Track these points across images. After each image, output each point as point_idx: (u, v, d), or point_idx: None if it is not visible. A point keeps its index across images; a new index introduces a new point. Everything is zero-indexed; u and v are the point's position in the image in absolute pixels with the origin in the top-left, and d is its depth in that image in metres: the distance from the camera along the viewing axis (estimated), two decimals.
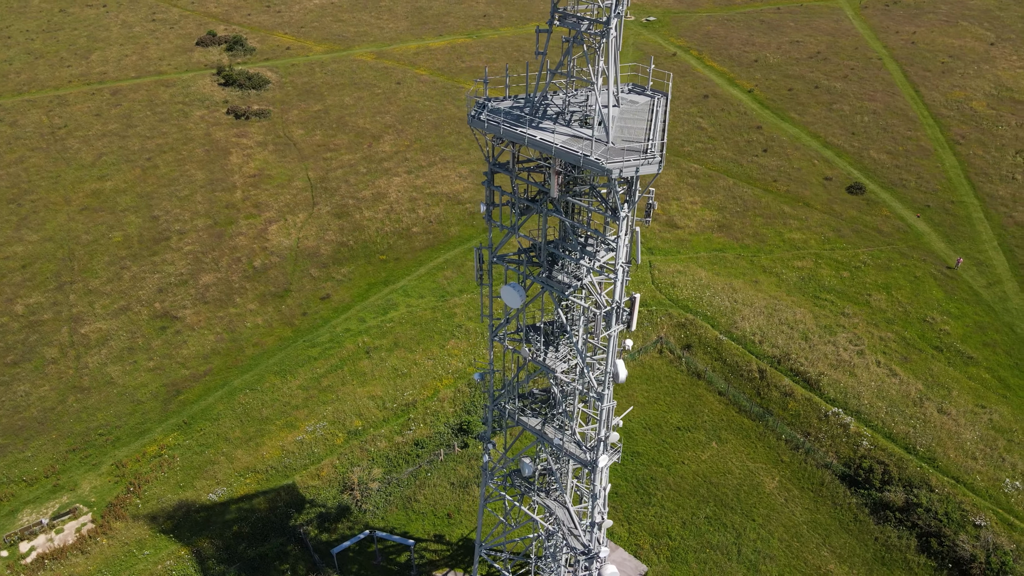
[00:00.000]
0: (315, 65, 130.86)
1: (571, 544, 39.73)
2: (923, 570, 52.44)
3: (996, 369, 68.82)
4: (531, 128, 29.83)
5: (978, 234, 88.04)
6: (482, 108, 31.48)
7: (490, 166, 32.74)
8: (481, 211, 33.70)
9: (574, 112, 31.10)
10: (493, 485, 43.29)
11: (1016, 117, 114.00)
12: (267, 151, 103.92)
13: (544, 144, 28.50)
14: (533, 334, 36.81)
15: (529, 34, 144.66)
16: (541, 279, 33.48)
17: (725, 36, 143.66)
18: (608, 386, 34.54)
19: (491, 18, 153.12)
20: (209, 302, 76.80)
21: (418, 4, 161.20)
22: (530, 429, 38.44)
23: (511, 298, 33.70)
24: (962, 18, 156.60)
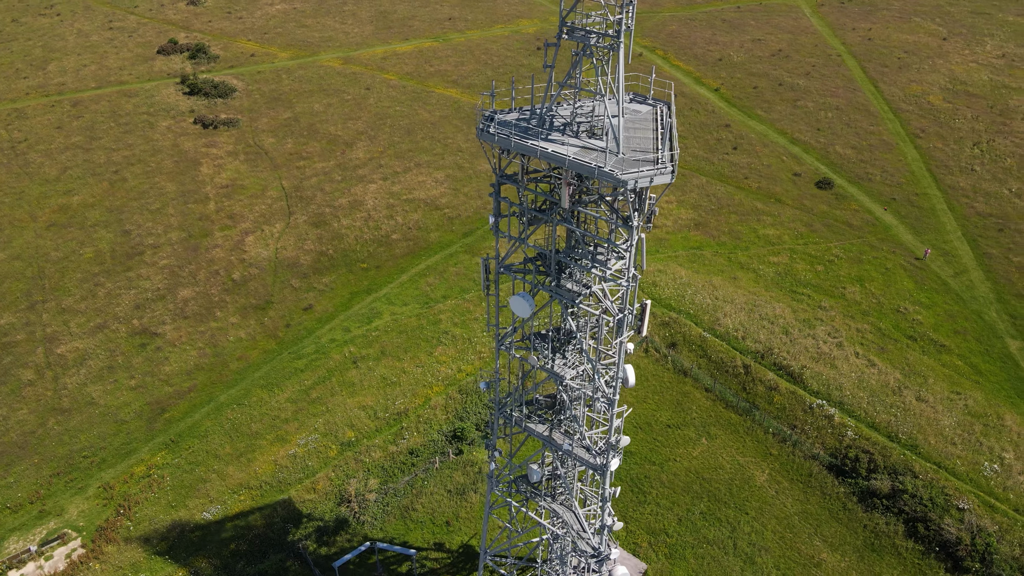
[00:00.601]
0: (282, 72, 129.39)
1: (581, 547, 40.21)
2: (911, 555, 54.12)
3: (967, 356, 71.21)
4: (541, 140, 30.16)
5: (943, 225, 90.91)
6: (489, 121, 31.70)
7: (497, 178, 33.00)
8: (489, 223, 33.87)
9: (581, 123, 31.51)
10: (499, 491, 43.54)
11: (971, 110, 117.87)
12: (238, 161, 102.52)
13: (557, 156, 28.87)
14: (539, 342, 37.16)
15: (495, 37, 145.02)
16: (550, 288, 33.84)
17: (689, 35, 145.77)
18: (617, 391, 35.06)
19: (456, 21, 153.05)
20: (189, 317, 75.60)
21: (382, 8, 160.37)
22: (538, 436, 38.79)
23: (520, 308, 33.99)
24: (914, 14, 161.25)
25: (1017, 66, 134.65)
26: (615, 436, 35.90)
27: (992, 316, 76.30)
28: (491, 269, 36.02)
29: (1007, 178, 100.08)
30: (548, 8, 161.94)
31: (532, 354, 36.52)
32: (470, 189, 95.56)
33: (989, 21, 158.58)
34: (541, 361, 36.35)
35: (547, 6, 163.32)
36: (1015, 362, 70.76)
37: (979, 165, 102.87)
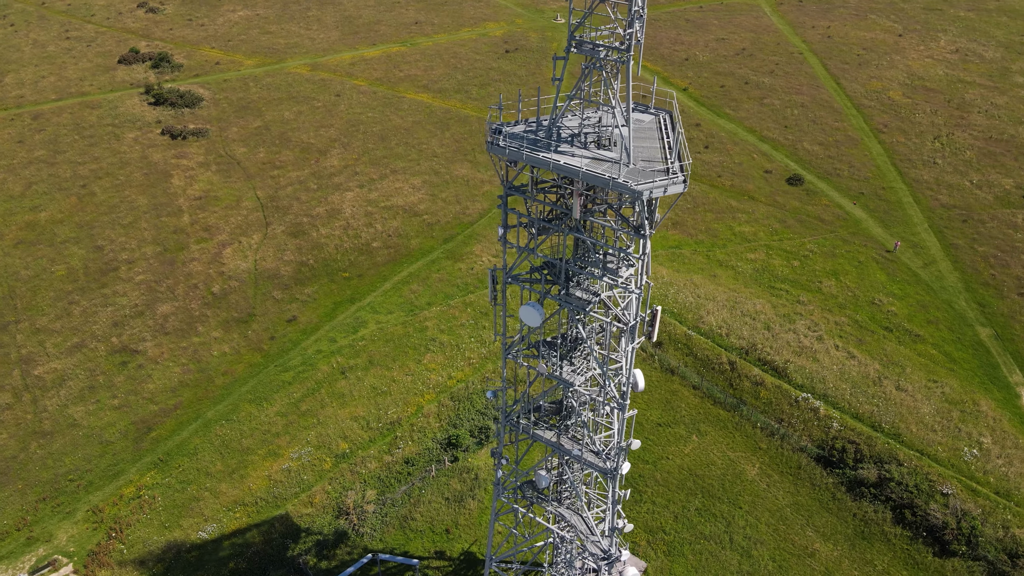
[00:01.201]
0: (249, 80, 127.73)
1: (591, 550, 40.70)
2: (900, 540, 55.78)
3: (941, 344, 73.53)
4: (552, 152, 30.52)
5: (910, 218, 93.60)
6: (497, 134, 31.94)
7: (505, 189, 33.26)
8: (500, 233, 34.16)
9: (587, 134, 31.95)
10: (505, 499, 43.81)
11: (930, 105, 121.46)
12: (210, 171, 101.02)
13: (570, 169, 29.26)
14: (547, 350, 37.52)
15: (463, 40, 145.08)
16: (560, 297, 34.22)
17: (654, 36, 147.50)
18: (628, 395, 35.59)
19: (423, 25, 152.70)
20: (170, 333, 74.36)
21: (347, 13, 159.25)
22: (546, 442, 39.15)
23: (531, 317, 34.32)
24: (870, 11, 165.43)
25: (970, 61, 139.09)
26: (627, 440, 36.41)
27: (962, 305, 78.86)
28: (498, 280, 36.25)
29: (968, 170, 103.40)
30: (513, 11, 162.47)
31: (541, 362, 36.86)
32: (448, 195, 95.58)
33: (941, 17, 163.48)
34: (550, 368, 36.72)
35: (512, 8, 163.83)
36: (986, 349, 73.26)
37: (940, 158, 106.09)
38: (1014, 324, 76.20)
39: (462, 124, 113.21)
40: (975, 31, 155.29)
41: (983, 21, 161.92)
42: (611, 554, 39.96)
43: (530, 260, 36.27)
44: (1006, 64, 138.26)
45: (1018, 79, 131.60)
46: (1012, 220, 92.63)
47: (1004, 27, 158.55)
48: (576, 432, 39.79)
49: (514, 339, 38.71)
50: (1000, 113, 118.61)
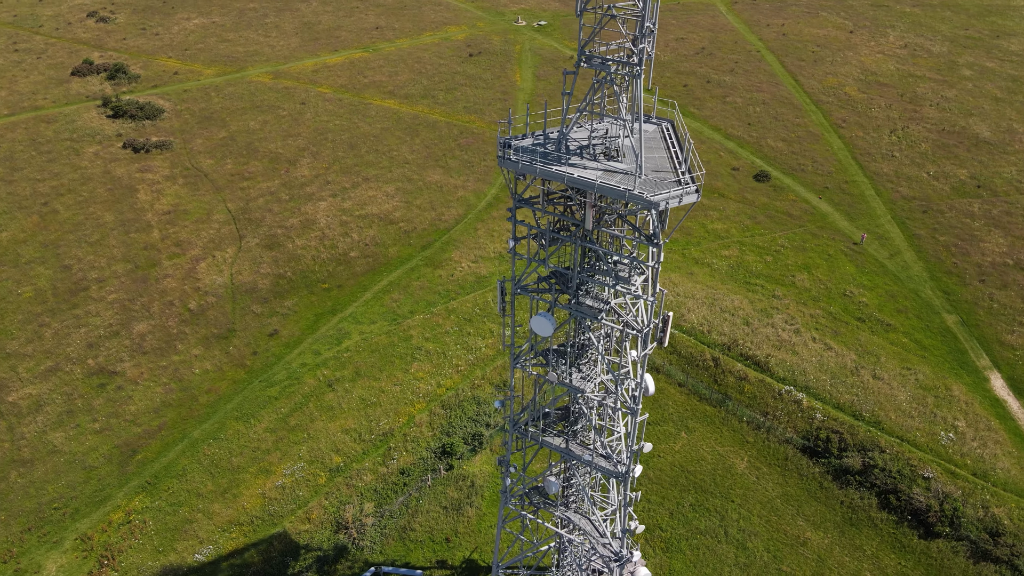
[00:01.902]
0: (210, 90, 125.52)
1: (601, 552, 41.31)
2: (886, 525, 57.70)
3: (912, 333, 76.13)
4: (564, 165, 30.96)
5: (873, 210, 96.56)
6: (507, 148, 32.25)
7: (515, 202, 33.60)
8: (511, 246, 34.47)
9: (596, 145, 32.48)
10: (512, 506, 44.15)
11: (884, 99, 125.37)
12: (177, 185, 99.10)
13: (585, 182, 29.74)
14: (554, 357, 37.97)
15: (425, 45, 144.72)
16: (570, 306, 34.70)
17: None
18: (639, 400, 36.25)
19: (384, 30, 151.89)
20: (148, 352, 72.85)
21: (306, 19, 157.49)
22: (556, 449, 39.61)
23: (542, 327, 34.71)
24: (821, 9, 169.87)
25: (919, 55, 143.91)
26: (639, 443, 37.06)
27: (928, 293, 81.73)
28: (507, 291, 36.58)
29: (924, 162, 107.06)
30: (474, 14, 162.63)
31: (551, 370, 37.30)
32: (422, 201, 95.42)
33: (889, 13, 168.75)
34: (560, 376, 37.19)
35: (473, 12, 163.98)
36: (953, 335, 76.08)
37: (898, 151, 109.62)
38: (978, 310, 79.26)
39: (431, 130, 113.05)
40: (921, 26, 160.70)
41: (928, 16, 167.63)
42: (623, 555, 40.63)
43: (538, 271, 36.65)
44: (952, 58, 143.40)
45: (965, 72, 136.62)
46: (969, 209, 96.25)
47: (948, 21, 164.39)
48: (584, 437, 40.34)
49: (521, 348, 39.08)
50: (950, 106, 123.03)
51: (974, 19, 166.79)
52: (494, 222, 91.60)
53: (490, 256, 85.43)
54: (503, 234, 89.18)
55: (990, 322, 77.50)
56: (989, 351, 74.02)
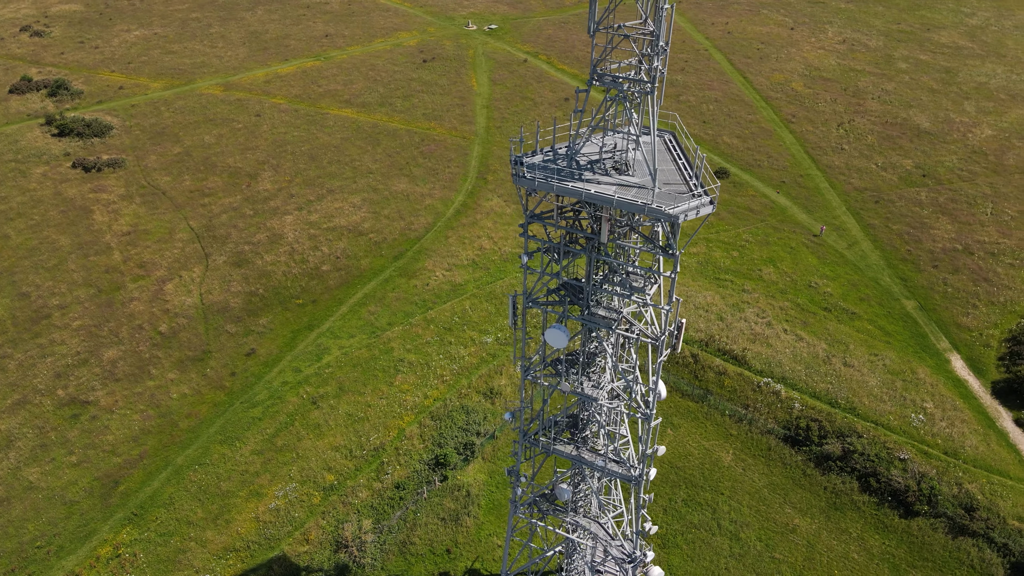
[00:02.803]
0: (159, 104, 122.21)
1: (614, 554, 42.13)
2: (868, 507, 60.12)
3: (875, 320, 79.29)
4: (580, 181, 31.55)
5: (828, 202, 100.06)
6: (519, 165, 32.67)
7: (527, 218, 34.05)
8: (524, 261, 34.90)
9: (605, 159, 33.16)
10: (522, 514, 44.62)
11: (829, 94, 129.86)
12: (135, 204, 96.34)
13: (603, 197, 30.37)
14: (564, 367, 38.58)
15: (377, 52, 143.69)
16: (584, 317, 35.34)
17: (566, 39, 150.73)
18: (654, 405, 37.13)
19: (334, 38, 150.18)
20: (121, 379, 70.81)
21: (252, 29, 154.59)
22: (567, 456, 40.21)
23: (557, 339, 35.27)
24: (762, 7, 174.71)
25: (857, 50, 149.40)
26: (653, 447, 37.98)
27: (887, 281, 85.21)
28: (519, 305, 37.00)
29: (872, 154, 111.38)
30: (424, 19, 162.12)
31: (563, 380, 37.89)
32: (390, 211, 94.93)
33: (825, 9, 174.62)
34: (572, 386, 37.82)
35: (422, 17, 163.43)
36: (913, 320, 79.53)
37: (847, 144, 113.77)
38: (933, 295, 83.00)
39: (392, 138, 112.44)
40: (857, 21, 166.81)
41: (862, 12, 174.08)
42: (636, 557, 41.53)
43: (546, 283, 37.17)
44: (888, 51, 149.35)
45: (901, 65, 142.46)
46: (917, 198, 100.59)
47: (881, 16, 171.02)
48: (594, 443, 41.07)
49: (531, 360, 39.56)
50: (891, 98, 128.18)
51: (904, 13, 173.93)
52: (464, 229, 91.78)
53: (463, 264, 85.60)
54: (475, 241, 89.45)
55: (946, 306, 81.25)
56: (947, 334, 77.63)
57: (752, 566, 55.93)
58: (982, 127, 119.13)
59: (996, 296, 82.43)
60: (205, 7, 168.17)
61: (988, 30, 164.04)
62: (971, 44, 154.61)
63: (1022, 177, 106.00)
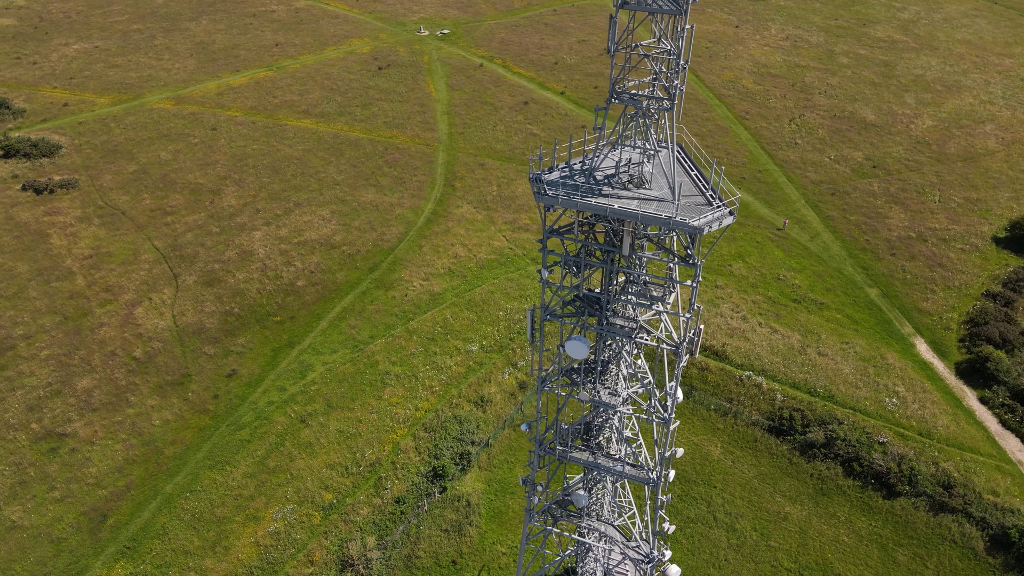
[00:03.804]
0: (108, 120, 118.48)
1: (632, 556, 43.07)
2: (853, 491, 62.61)
3: (843, 308, 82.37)
4: (602, 197, 32.25)
5: (788, 196, 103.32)
6: (538, 182, 33.20)
7: (545, 233, 34.61)
8: (544, 276, 35.42)
9: (621, 174, 33.96)
10: (537, 522, 45.20)
11: (778, 90, 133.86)
12: (94, 226, 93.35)
13: (627, 212, 31.14)
14: (579, 376, 39.28)
15: (331, 60, 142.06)
16: (603, 327, 36.10)
17: (519, 42, 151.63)
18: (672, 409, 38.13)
19: (285, 47, 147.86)
20: (98, 408, 68.73)
21: (198, 39, 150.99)
22: (584, 463, 40.95)
23: (577, 350, 35.94)
24: (706, 5, 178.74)
25: (801, 46, 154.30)
26: (671, 449, 39.00)
27: (850, 270, 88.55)
28: (537, 319, 37.54)
29: (824, 147, 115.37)
30: (375, 26, 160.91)
31: (581, 390, 38.59)
32: (360, 222, 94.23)
33: (767, 7, 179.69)
34: (590, 395, 38.56)
35: (373, 23, 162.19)
36: (878, 307, 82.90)
37: (800, 139, 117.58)
38: (894, 282, 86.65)
39: (355, 148, 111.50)
40: (797, 18, 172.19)
41: (801, 8, 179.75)
42: (654, 557, 42.54)
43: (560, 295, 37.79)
44: (830, 47, 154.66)
45: (842, 60, 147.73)
46: (870, 189, 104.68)
47: (819, 13, 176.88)
48: (607, 448, 41.90)
49: (547, 371, 40.13)
50: (836, 92, 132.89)
51: (841, 9, 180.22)
52: (437, 237, 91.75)
53: (440, 273, 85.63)
54: (449, 249, 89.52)
55: (906, 292, 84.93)
56: (910, 319, 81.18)
57: (750, 555, 57.70)
58: (923, 118, 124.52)
59: (951, 280, 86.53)
60: (146, 18, 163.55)
61: (919, 24, 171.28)
62: (905, 38, 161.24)
63: (964, 165, 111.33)
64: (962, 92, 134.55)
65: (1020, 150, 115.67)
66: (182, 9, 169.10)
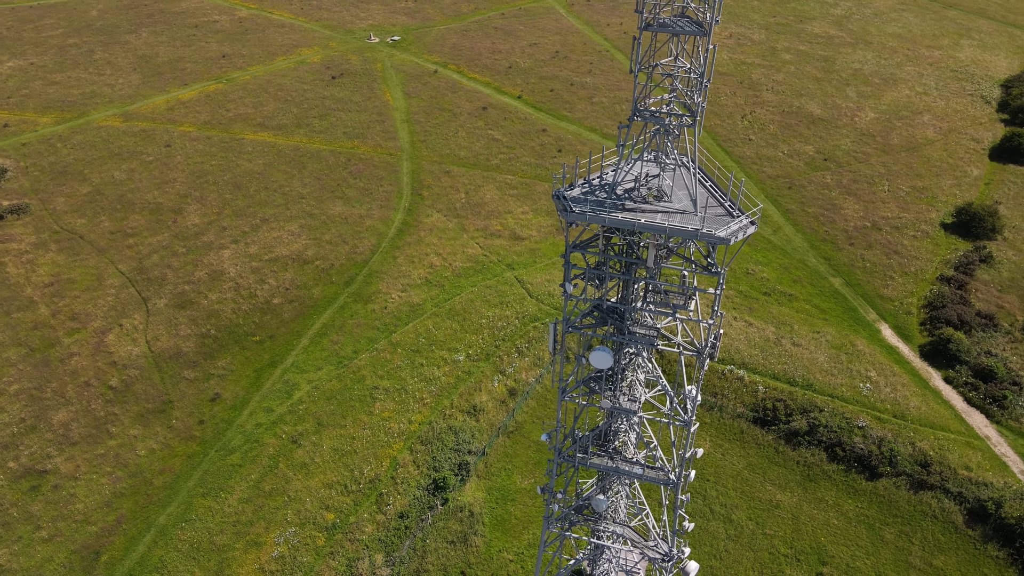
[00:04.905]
0: (54, 140, 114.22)
1: (650, 555, 44.22)
2: (838, 475, 65.27)
3: (810, 299, 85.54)
4: (626, 212, 33.15)
5: (747, 191, 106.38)
6: (561, 199, 33.92)
7: (568, 248, 35.36)
8: (569, 290, 36.12)
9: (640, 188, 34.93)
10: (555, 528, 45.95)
11: (728, 87, 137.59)
12: (51, 252, 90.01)
13: (655, 226, 32.12)
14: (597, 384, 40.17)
15: (282, 70, 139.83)
16: (624, 337, 37.05)
17: (471, 47, 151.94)
18: (693, 411, 39.34)
19: (232, 58, 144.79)
20: (78, 442, 66.54)
21: (140, 53, 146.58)
22: (604, 469, 41.91)
23: (602, 360, 36.81)
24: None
25: (745, 44, 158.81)
26: (691, 450, 40.23)
27: (813, 262, 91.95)
28: (559, 331, 38.24)
29: (776, 142, 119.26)
30: (323, 34, 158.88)
31: (603, 398, 39.48)
32: (331, 236, 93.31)
33: None
34: (612, 402, 39.49)
35: (321, 32, 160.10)
36: (843, 296, 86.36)
37: (753, 135, 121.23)
38: (855, 271, 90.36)
39: (317, 160, 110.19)
40: (738, 16, 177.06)
41: (740, 6, 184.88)
42: (673, 555, 43.77)
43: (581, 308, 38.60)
44: (772, 44, 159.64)
45: (785, 56, 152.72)
46: (823, 181, 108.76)
47: (758, 10, 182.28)
48: (624, 452, 42.94)
49: (566, 381, 40.89)
50: (783, 89, 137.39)
51: (778, 6, 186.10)
52: (410, 248, 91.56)
53: (417, 283, 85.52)
54: (423, 259, 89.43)
55: (867, 279, 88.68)
56: (874, 305, 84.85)
57: (748, 544, 59.65)
58: (865, 111, 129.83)
59: (908, 267, 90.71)
60: (82, 32, 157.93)
61: (852, 19, 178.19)
62: (841, 33, 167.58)
63: (907, 155, 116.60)
64: (898, 84, 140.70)
65: (957, 139, 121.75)
66: (119, 22, 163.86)
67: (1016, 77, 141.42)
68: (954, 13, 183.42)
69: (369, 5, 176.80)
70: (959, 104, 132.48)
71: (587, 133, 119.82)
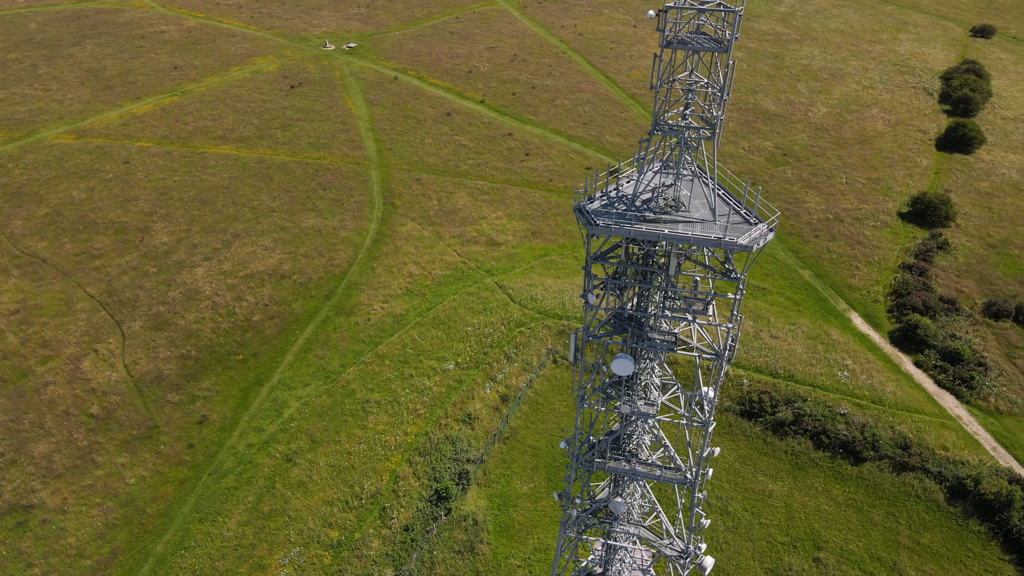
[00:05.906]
0: (4, 160, 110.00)
1: (666, 553, 45.31)
2: (824, 461, 67.64)
3: (783, 292, 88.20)
4: (650, 223, 34.02)
5: None
6: (582, 213, 34.62)
7: (589, 260, 36.08)
8: (590, 300, 36.81)
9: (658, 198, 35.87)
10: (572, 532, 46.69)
11: None
12: (13, 278, 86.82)
13: (680, 236, 33.08)
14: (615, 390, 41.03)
15: (238, 80, 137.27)
16: (643, 343, 37.96)
17: (429, 52, 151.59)
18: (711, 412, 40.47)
19: (185, 69, 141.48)
20: (63, 474, 64.56)
21: (87, 66, 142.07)
22: (623, 472, 42.80)
23: (623, 367, 37.61)
24: (603, 7, 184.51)
25: None
26: (708, 450, 41.40)
27: (782, 255, 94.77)
28: (579, 340, 38.93)
29: (737, 139, 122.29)
30: (277, 43, 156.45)
31: (622, 404, 40.33)
32: (306, 249, 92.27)
33: (658, 6, 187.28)
34: (630, 407, 40.38)
35: (275, 40, 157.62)
36: (813, 288, 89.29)
37: None
38: (822, 262, 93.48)
39: (284, 172, 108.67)
40: None
41: None
42: (690, 551, 44.93)
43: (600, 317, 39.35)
44: None
45: (737, 53, 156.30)
46: (785, 176, 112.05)
47: None
48: (640, 455, 43.91)
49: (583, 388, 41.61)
50: (738, 85, 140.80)
51: None
52: (387, 258, 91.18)
53: (398, 294, 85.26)
54: (402, 268, 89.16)
55: (835, 270, 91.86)
56: (843, 295, 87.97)
57: (746, 535, 61.41)
58: (817, 106, 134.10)
59: (871, 256, 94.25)
60: (21, 46, 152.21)
61: (796, 16, 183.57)
62: (787, 30, 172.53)
63: (861, 148, 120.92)
64: (845, 79, 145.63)
65: (905, 130, 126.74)
66: (61, 34, 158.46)
67: (954, 69, 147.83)
68: (890, 8, 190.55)
69: (321, 12, 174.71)
70: (904, 96, 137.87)
71: (552, 136, 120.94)
